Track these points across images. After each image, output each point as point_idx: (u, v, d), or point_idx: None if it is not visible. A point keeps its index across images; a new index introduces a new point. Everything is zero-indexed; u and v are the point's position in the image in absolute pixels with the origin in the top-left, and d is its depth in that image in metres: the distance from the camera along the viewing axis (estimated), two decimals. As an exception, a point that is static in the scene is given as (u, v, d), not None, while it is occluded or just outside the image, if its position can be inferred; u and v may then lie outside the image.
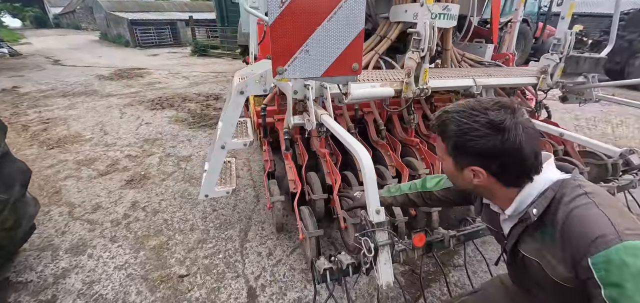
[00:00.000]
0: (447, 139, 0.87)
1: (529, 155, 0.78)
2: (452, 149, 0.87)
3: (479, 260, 2.05)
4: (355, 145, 1.32)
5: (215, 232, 2.35)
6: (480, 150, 0.80)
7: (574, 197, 0.76)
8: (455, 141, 0.84)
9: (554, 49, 2.52)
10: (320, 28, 1.01)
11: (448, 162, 0.92)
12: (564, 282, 0.78)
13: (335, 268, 1.23)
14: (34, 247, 2.23)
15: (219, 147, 1.91)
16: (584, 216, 0.72)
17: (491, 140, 0.78)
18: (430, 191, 1.34)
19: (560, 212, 0.77)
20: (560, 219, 0.76)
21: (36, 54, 13.95)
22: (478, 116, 0.80)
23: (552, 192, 0.80)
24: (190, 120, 4.95)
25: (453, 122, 0.84)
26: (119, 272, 2.01)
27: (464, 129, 0.81)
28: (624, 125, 4.84)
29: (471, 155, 0.83)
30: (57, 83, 7.73)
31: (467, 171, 0.87)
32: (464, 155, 0.85)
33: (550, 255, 0.80)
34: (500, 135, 0.77)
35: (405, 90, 2.04)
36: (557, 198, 0.79)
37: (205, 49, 14.26)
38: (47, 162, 3.51)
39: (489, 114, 0.79)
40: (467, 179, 0.88)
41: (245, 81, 1.80)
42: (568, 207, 0.75)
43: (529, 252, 0.87)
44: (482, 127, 0.78)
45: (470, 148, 0.81)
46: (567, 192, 0.78)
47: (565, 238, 0.75)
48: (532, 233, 0.86)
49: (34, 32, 29.91)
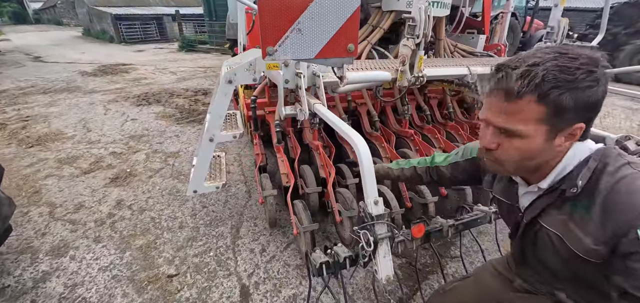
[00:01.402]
0: (557, 97, 0.65)
1: None
2: (562, 108, 0.66)
3: (476, 251, 2.04)
4: (351, 134, 1.26)
5: (206, 230, 2.26)
6: (594, 100, 0.67)
7: (618, 166, 0.70)
8: (573, 94, 0.65)
9: (548, 37, 2.52)
10: (313, 4, 0.94)
11: (534, 136, 0.71)
12: (585, 254, 0.72)
13: (331, 262, 1.17)
14: (12, 249, 2.10)
15: (207, 140, 1.82)
16: (632, 187, 0.66)
17: (602, 84, 0.66)
18: (437, 166, 1.29)
19: (602, 182, 0.70)
20: (603, 190, 0.69)
21: (15, 51, 13.35)
22: (583, 60, 0.65)
23: (594, 163, 0.72)
24: (178, 115, 4.80)
25: (562, 70, 0.64)
26: (103, 273, 1.91)
27: (580, 77, 0.64)
28: (610, 116, 4.93)
29: (584, 108, 0.67)
30: (38, 80, 7.40)
31: (561, 136, 0.71)
32: (576, 111, 0.67)
33: (578, 227, 0.73)
34: (605, 79, 0.66)
35: (400, 78, 1.99)
36: (599, 169, 0.72)
37: (193, 44, 13.94)
38: (26, 160, 3.34)
39: (592, 56, 0.66)
40: (554, 148, 0.73)
41: (234, 70, 1.71)
42: (613, 178, 0.69)
43: (551, 224, 0.79)
44: (595, 71, 0.65)
45: (586, 99, 0.66)
46: (610, 161, 0.71)
47: (607, 209, 0.69)
48: (560, 206, 0.78)
49: (13, 28, 28.71)
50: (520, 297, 1.01)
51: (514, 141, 0.73)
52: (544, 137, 0.71)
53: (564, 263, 0.80)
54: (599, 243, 0.70)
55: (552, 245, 0.80)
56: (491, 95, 0.74)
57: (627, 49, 7.53)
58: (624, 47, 7.58)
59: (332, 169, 2.04)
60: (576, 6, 16.13)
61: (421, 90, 3.00)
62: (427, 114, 2.78)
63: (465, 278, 1.29)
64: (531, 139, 0.71)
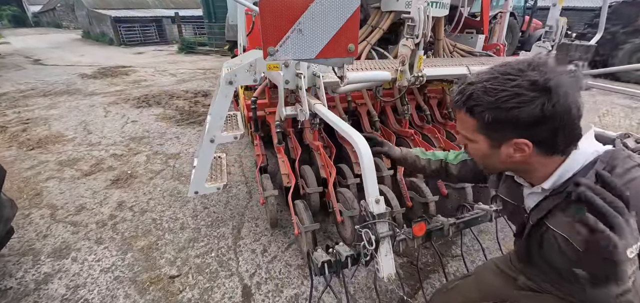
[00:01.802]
0: (480, 113, 0.73)
1: (578, 115, 0.69)
2: (487, 124, 0.73)
3: (477, 250, 2.04)
4: (351, 134, 1.27)
5: (207, 230, 2.27)
6: (526, 119, 0.68)
7: (628, 168, 0.70)
8: (493, 113, 0.71)
9: (546, 37, 2.53)
10: (314, 4, 0.95)
11: (479, 142, 0.80)
12: None
13: (333, 261, 1.17)
14: (13, 252, 2.10)
15: (208, 140, 1.83)
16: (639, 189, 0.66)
17: (539, 103, 0.66)
18: (448, 163, 1.30)
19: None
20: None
21: (15, 54, 13.36)
22: (516, 79, 0.68)
23: (601, 165, 0.71)
24: (178, 117, 4.80)
25: (486, 92, 0.70)
26: (105, 275, 1.91)
27: (503, 97, 0.68)
28: (609, 115, 4.95)
29: (514, 126, 0.70)
30: (38, 82, 7.41)
31: (506, 147, 0.75)
32: (503, 128, 0.72)
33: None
34: (548, 96, 0.65)
35: (400, 78, 2.00)
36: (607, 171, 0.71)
37: (193, 46, 13.96)
38: (27, 163, 3.34)
39: (530, 75, 0.67)
40: (504, 157, 0.77)
41: (234, 70, 1.72)
42: (622, 180, 0.68)
43: (557, 226, 0.79)
44: (527, 90, 0.66)
45: (513, 118, 0.69)
46: (619, 163, 0.71)
47: None
48: (565, 208, 0.77)
49: (12, 32, 28.70)
50: (524, 295, 1.01)
51: (471, 144, 0.84)
52: (487, 145, 0.79)
53: (571, 264, 0.80)
54: None
55: (559, 246, 0.80)
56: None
57: (625, 47, 7.55)
58: (622, 45, 7.61)
59: (332, 169, 2.05)
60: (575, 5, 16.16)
61: (421, 90, 3.01)
62: (427, 114, 2.79)
63: (467, 276, 1.30)
64: (477, 143, 0.81)
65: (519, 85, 0.67)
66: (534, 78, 0.67)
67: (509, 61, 0.74)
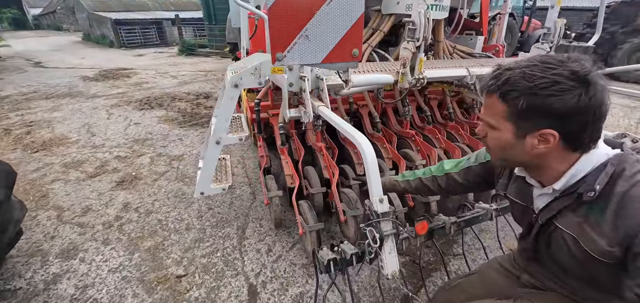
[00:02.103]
0: (513, 99, 0.73)
1: (605, 113, 0.71)
2: (519, 111, 0.73)
3: (478, 248, 2.08)
4: (355, 135, 1.31)
5: (212, 231, 2.31)
6: (560, 108, 0.69)
7: (635, 172, 0.72)
8: (528, 100, 0.71)
9: (545, 38, 2.57)
10: (319, 12, 0.99)
11: (503, 130, 0.80)
12: (600, 256, 0.75)
13: (339, 259, 1.21)
14: (22, 253, 2.13)
15: (213, 142, 1.87)
16: None
17: (576, 94, 0.67)
18: (447, 173, 1.30)
19: (619, 186, 0.72)
20: (618, 193, 0.72)
21: (16, 57, 13.39)
22: (557, 68, 0.69)
23: (612, 167, 0.74)
24: (180, 119, 4.84)
25: (524, 77, 0.71)
26: (113, 275, 1.95)
27: (542, 84, 0.69)
28: (609, 114, 4.96)
29: (546, 115, 0.71)
30: (40, 85, 7.45)
31: (531, 137, 0.76)
32: (535, 116, 0.73)
33: (593, 229, 0.76)
34: (586, 89, 0.67)
35: (401, 80, 2.04)
36: (616, 173, 0.74)
37: (193, 48, 14.00)
38: (32, 165, 3.38)
39: (571, 66, 0.69)
40: (528, 148, 0.78)
41: (240, 74, 1.76)
42: (629, 182, 0.71)
43: (567, 226, 0.82)
44: (566, 79, 0.68)
45: (548, 106, 0.70)
46: (627, 166, 0.73)
47: (621, 212, 0.71)
48: (576, 209, 0.80)
49: (13, 34, 28.72)
50: (527, 292, 1.04)
51: (493, 132, 0.83)
52: (513, 133, 0.79)
53: (578, 263, 0.82)
54: (613, 244, 0.72)
55: (567, 246, 0.82)
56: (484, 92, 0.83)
57: (624, 47, 7.59)
58: (621, 45, 7.65)
59: (335, 170, 2.08)
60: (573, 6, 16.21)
61: (421, 92, 3.04)
62: (427, 115, 2.83)
63: (471, 274, 1.33)
64: (502, 132, 0.81)
65: (559, 74, 0.69)
66: (575, 69, 0.68)
67: (549, 54, 0.76)
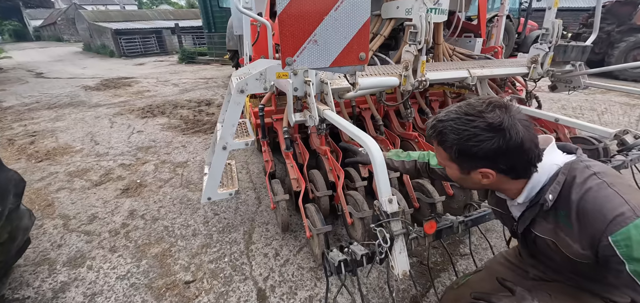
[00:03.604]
0: (449, 147, 0.87)
1: (531, 147, 0.80)
2: (456, 156, 0.87)
3: (485, 248, 2.08)
4: (363, 137, 1.33)
5: (219, 236, 2.32)
6: (486, 153, 0.80)
7: (585, 178, 0.79)
8: (458, 148, 0.84)
9: (543, 39, 2.60)
10: (328, 17, 1.01)
11: (453, 168, 0.92)
12: (579, 258, 0.81)
13: (349, 260, 1.22)
14: (29, 262, 2.14)
15: (220, 148, 1.89)
16: (598, 197, 0.75)
17: (494, 142, 0.78)
18: (433, 168, 1.37)
19: (573, 194, 0.79)
20: (574, 201, 0.79)
21: (17, 68, 13.49)
22: (475, 121, 0.80)
23: (562, 176, 0.82)
24: (183, 126, 4.87)
25: (452, 131, 0.84)
26: (121, 282, 1.95)
27: (465, 136, 0.81)
28: (608, 113, 5.02)
29: (477, 159, 0.83)
30: (42, 95, 7.50)
31: (475, 174, 0.88)
32: (470, 160, 0.85)
33: (565, 234, 0.82)
34: (502, 135, 0.78)
35: (404, 83, 2.07)
36: (568, 181, 0.81)
37: (193, 56, 14.11)
38: (37, 175, 3.40)
39: (486, 117, 0.79)
40: (475, 180, 0.89)
41: (245, 79, 1.78)
42: (581, 189, 0.78)
43: (543, 233, 0.89)
44: (483, 131, 0.79)
45: (474, 153, 0.82)
46: (577, 174, 0.81)
47: (581, 220, 0.77)
48: (546, 216, 0.88)
49: (14, 46, 28.96)
50: (536, 284, 1.07)
51: (446, 168, 0.96)
52: (458, 171, 0.90)
53: (567, 261, 0.87)
54: (585, 248, 0.78)
55: (551, 249, 0.89)
56: None
57: (621, 46, 7.66)
58: (617, 44, 7.72)
59: (340, 172, 2.10)
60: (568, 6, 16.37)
61: (423, 94, 3.08)
62: (429, 117, 2.85)
63: (477, 271, 1.34)
64: (451, 169, 0.93)
65: (477, 126, 0.80)
66: (490, 120, 0.78)
67: (472, 102, 0.85)
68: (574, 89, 2.84)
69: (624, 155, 2.05)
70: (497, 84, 3.40)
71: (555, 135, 2.82)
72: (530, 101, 3.17)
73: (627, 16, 7.80)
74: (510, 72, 2.71)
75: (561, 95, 5.76)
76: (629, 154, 2.00)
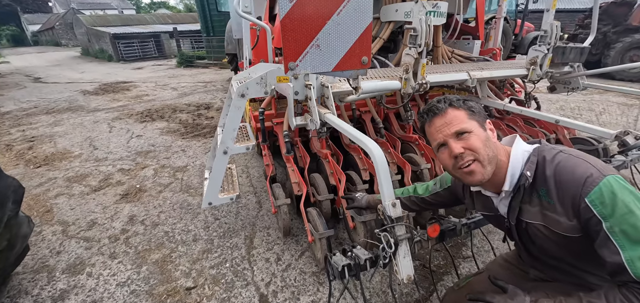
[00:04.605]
0: (462, 103, 0.99)
1: None
2: (470, 111, 0.98)
3: (487, 250, 2.08)
4: (365, 140, 1.32)
5: (220, 241, 2.30)
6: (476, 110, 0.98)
7: (554, 154, 0.89)
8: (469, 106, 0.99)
9: (542, 41, 2.61)
10: (330, 22, 1.01)
11: (474, 129, 0.96)
12: (570, 232, 0.84)
13: (353, 264, 1.21)
14: (28, 269, 2.12)
15: (221, 152, 1.87)
16: (569, 165, 0.84)
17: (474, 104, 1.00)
18: (422, 197, 1.42)
19: (547, 170, 0.88)
20: (550, 176, 0.87)
21: (15, 73, 13.45)
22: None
23: (534, 157, 0.92)
24: (182, 130, 4.86)
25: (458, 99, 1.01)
26: (121, 289, 1.93)
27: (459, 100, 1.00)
28: (606, 113, 5.04)
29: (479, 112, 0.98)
30: (40, 100, 7.47)
31: (488, 127, 0.99)
32: (478, 113, 0.99)
33: (551, 212, 0.87)
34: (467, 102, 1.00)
35: (405, 86, 2.07)
36: (540, 161, 0.91)
37: (191, 59, 14.12)
38: (35, 180, 3.37)
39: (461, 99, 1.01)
40: (491, 137, 0.98)
41: (246, 84, 1.78)
42: (553, 163, 0.87)
43: (532, 218, 0.94)
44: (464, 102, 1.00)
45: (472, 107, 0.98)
46: (546, 152, 0.91)
47: (559, 190, 0.84)
48: (530, 200, 0.94)
49: (12, 51, 28.89)
50: (536, 285, 1.07)
51: (469, 137, 0.94)
52: (480, 126, 0.96)
53: (561, 246, 0.91)
54: (571, 218, 0.82)
55: (543, 234, 0.92)
56: (432, 123, 1.00)
57: (617, 47, 7.72)
58: (614, 45, 7.78)
59: (342, 176, 2.09)
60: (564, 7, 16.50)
61: (423, 96, 3.08)
62: (429, 119, 2.85)
63: (479, 273, 1.34)
64: (475, 129, 0.95)
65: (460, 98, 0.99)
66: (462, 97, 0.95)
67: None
68: (573, 90, 2.86)
69: (624, 156, 2.06)
70: (496, 85, 3.41)
71: (555, 136, 2.82)
72: (529, 102, 3.18)
73: (622, 17, 7.87)
74: (509, 73, 2.72)
75: (559, 96, 5.78)
76: (628, 154, 2.01)
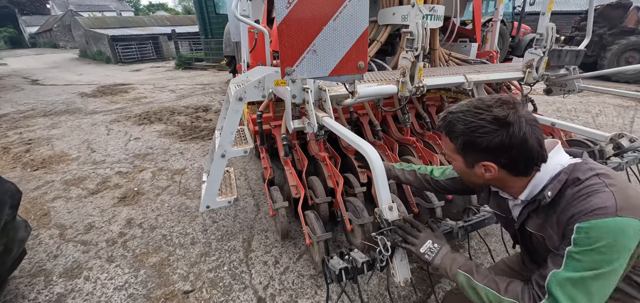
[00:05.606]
0: (455, 138, 0.90)
1: (534, 145, 0.82)
2: (461, 147, 0.90)
3: (484, 253, 2.09)
4: (362, 144, 1.33)
5: (218, 244, 2.30)
6: (488, 146, 0.83)
7: (588, 177, 0.80)
8: (464, 139, 0.87)
9: (538, 44, 2.63)
10: (326, 27, 1.02)
11: (458, 160, 0.95)
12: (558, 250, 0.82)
13: (350, 267, 1.22)
14: (25, 273, 2.11)
15: (219, 156, 1.88)
16: (590, 191, 0.77)
17: (498, 135, 0.81)
18: (436, 180, 1.38)
19: (568, 190, 0.82)
20: (566, 196, 0.81)
21: (13, 75, 13.40)
22: (483, 114, 0.83)
23: (565, 176, 0.84)
24: (180, 133, 4.85)
25: (460, 121, 0.87)
26: (119, 292, 1.93)
27: (472, 127, 0.84)
28: (603, 115, 5.08)
29: (481, 151, 0.85)
30: (38, 103, 7.44)
31: (478, 167, 0.90)
32: (473, 152, 0.88)
33: (549, 227, 0.86)
34: (506, 130, 0.80)
35: (402, 89, 2.08)
36: (569, 180, 0.83)
37: (190, 61, 14.12)
38: (33, 183, 3.36)
39: (493, 111, 0.82)
40: (479, 174, 0.91)
41: (244, 87, 1.79)
42: (577, 187, 0.80)
43: (534, 228, 0.92)
44: (489, 124, 0.81)
45: (479, 145, 0.84)
46: (581, 173, 0.82)
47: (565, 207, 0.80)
48: (538, 212, 0.91)
49: (9, 53, 28.75)
50: None
51: (452, 162, 0.98)
52: (464, 164, 0.93)
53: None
54: (560, 237, 0.81)
55: (542, 246, 0.91)
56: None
57: (613, 49, 7.79)
58: (610, 47, 7.85)
59: (340, 179, 2.10)
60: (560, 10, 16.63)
61: (420, 99, 3.09)
62: (426, 121, 2.87)
63: None
64: (456, 162, 0.95)
65: (484, 119, 0.82)
66: (497, 114, 0.81)
67: (484, 98, 0.87)
68: (569, 92, 2.88)
69: (619, 158, 2.08)
70: (493, 88, 3.43)
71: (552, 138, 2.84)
72: (525, 105, 3.20)
73: (618, 19, 7.94)
74: (506, 76, 2.74)
75: (556, 98, 5.82)
76: (624, 157, 2.03)
